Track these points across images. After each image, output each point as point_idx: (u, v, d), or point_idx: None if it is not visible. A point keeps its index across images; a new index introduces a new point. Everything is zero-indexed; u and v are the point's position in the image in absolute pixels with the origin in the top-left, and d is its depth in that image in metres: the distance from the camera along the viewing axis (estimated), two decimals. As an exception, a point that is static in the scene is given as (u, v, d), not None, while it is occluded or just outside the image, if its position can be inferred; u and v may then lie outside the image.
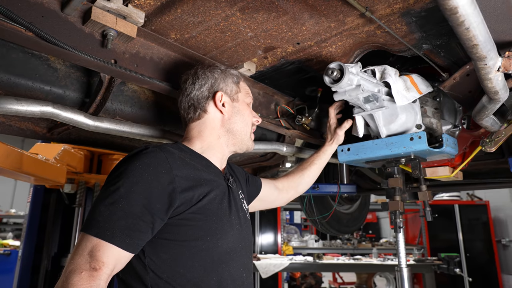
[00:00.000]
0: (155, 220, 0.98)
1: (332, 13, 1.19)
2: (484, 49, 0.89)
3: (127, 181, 0.98)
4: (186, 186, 1.04)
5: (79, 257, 0.91)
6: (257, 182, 1.58)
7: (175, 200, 1.00)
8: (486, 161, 2.16)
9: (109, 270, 0.92)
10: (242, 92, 1.33)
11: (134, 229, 0.95)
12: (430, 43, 1.31)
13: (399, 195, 1.62)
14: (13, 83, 1.18)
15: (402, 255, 1.64)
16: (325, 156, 1.74)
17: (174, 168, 1.04)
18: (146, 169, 1.00)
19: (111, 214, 0.94)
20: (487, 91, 1.14)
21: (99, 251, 0.91)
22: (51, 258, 3.61)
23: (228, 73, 1.31)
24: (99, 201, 0.98)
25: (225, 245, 1.09)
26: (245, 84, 1.37)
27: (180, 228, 1.03)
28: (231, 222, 1.14)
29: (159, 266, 1.01)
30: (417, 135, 1.50)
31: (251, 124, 1.34)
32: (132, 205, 0.96)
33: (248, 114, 1.33)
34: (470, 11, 0.75)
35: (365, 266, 5.61)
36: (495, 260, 6.45)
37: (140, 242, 0.97)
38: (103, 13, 1.09)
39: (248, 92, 1.36)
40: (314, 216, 3.30)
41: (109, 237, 0.92)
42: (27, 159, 2.30)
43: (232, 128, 1.28)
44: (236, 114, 1.29)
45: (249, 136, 1.33)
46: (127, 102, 1.47)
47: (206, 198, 1.08)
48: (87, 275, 0.88)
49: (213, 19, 1.22)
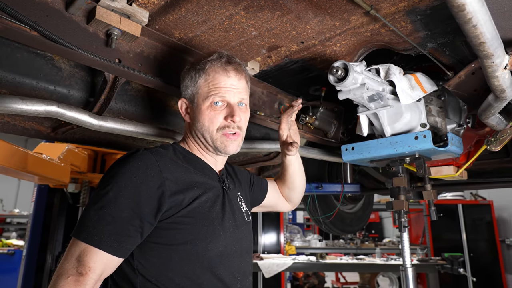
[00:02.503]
0: (144, 225, 0.97)
1: (337, 12, 1.18)
2: (491, 47, 0.89)
3: (116, 185, 0.97)
4: (176, 190, 1.03)
5: (68, 262, 0.92)
6: (263, 185, 1.54)
7: (164, 203, 0.99)
8: (490, 160, 2.15)
9: (96, 275, 0.92)
10: (201, 92, 1.16)
11: (123, 234, 0.95)
12: (435, 41, 1.31)
13: (404, 195, 1.61)
14: (18, 83, 1.18)
15: (407, 254, 1.63)
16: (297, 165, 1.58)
17: (164, 171, 1.03)
18: (135, 172, 0.99)
19: (100, 219, 0.94)
20: (494, 89, 1.13)
21: (86, 256, 0.91)
22: (55, 257, 3.62)
23: (190, 71, 1.18)
24: (89, 205, 0.98)
25: (215, 249, 1.06)
26: (214, 76, 1.15)
27: (169, 231, 1.02)
28: (224, 226, 1.11)
29: (148, 270, 1.01)
30: (422, 134, 1.49)
31: (215, 123, 1.14)
32: (121, 209, 0.95)
33: (203, 118, 1.14)
34: (478, 8, 0.75)
35: (368, 266, 5.59)
36: (499, 260, 6.41)
37: (128, 246, 0.97)
38: (107, 12, 1.09)
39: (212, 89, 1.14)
40: (317, 215, 3.29)
41: (97, 242, 0.92)
42: (31, 159, 2.31)
43: (195, 132, 1.18)
44: (195, 118, 1.17)
45: (218, 140, 1.15)
46: (131, 102, 1.47)
47: (196, 201, 1.06)
48: (73, 280, 0.89)
49: (217, 18, 1.22)
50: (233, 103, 1.16)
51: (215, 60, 1.16)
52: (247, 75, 1.23)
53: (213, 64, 1.15)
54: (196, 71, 1.17)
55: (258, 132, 2.02)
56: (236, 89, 1.16)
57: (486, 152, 1.75)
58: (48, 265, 3.58)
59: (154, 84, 1.33)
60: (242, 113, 1.18)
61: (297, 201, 1.65)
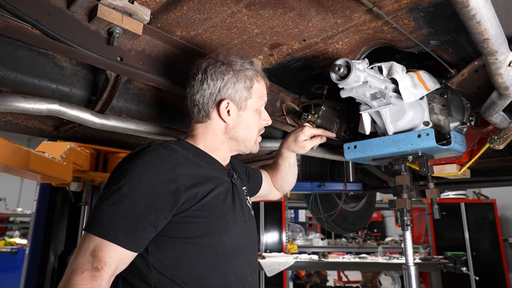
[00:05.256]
0: (158, 219, 0.98)
1: (339, 9, 1.17)
2: (495, 43, 0.88)
3: (130, 180, 0.97)
4: (190, 184, 1.03)
5: (82, 257, 0.91)
6: (257, 176, 1.58)
7: (180, 198, 1.00)
8: (494, 159, 2.14)
9: (111, 270, 0.92)
10: (254, 97, 1.22)
11: (137, 228, 0.95)
12: (438, 39, 1.30)
13: (407, 193, 1.60)
14: (20, 81, 1.18)
15: (409, 253, 1.62)
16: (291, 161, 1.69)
17: (177, 166, 1.03)
18: (149, 167, 1.00)
19: (114, 214, 0.94)
20: (497, 87, 1.12)
21: (101, 251, 0.91)
22: (58, 256, 3.64)
23: (241, 75, 1.18)
24: (102, 200, 0.97)
25: (229, 242, 1.08)
26: (260, 84, 1.25)
27: (184, 225, 1.02)
28: (235, 219, 1.13)
29: (163, 264, 1.01)
30: (424, 132, 1.48)
31: (257, 130, 1.26)
32: (135, 204, 0.95)
33: (255, 122, 1.24)
34: (482, 4, 0.74)
35: (371, 264, 5.59)
36: (502, 258, 6.39)
37: (143, 241, 0.97)
38: (109, 10, 1.09)
39: (261, 95, 1.25)
40: (320, 214, 3.28)
41: (112, 237, 0.92)
42: (34, 157, 2.31)
43: (235, 136, 1.22)
44: (241, 123, 1.21)
45: (254, 142, 1.26)
46: (133, 100, 1.47)
47: (210, 195, 1.07)
48: (89, 275, 0.88)
49: (219, 16, 1.21)
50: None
51: (257, 68, 1.25)
52: None
53: (257, 71, 1.24)
54: (245, 77, 1.19)
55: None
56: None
57: (489, 150, 1.74)
58: (51, 264, 3.60)
59: (156, 83, 1.33)
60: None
61: (288, 190, 1.75)
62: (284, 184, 1.70)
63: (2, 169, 2.19)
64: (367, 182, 3.12)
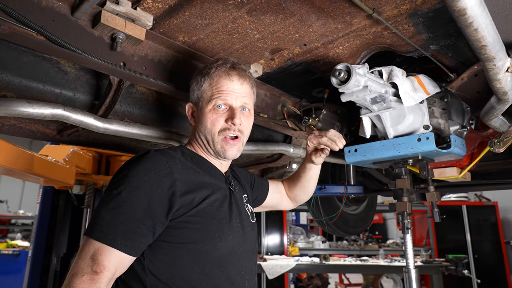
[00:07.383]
0: (156, 224, 0.99)
1: (339, 15, 1.19)
2: (493, 50, 0.89)
3: (129, 185, 1.00)
4: (186, 190, 1.05)
5: (82, 261, 0.93)
6: (264, 185, 1.57)
7: (175, 203, 1.01)
8: (494, 162, 2.15)
9: (110, 273, 0.94)
10: (205, 96, 1.19)
11: (136, 233, 0.97)
12: (437, 43, 1.31)
13: (407, 196, 1.61)
14: (25, 86, 1.20)
15: (410, 256, 1.63)
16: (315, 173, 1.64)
17: (174, 172, 1.05)
18: (147, 173, 1.02)
19: (113, 219, 0.96)
20: (496, 92, 1.13)
21: (100, 255, 0.93)
22: (60, 258, 3.65)
23: (197, 77, 1.23)
24: (102, 205, 1.00)
25: (224, 248, 1.09)
26: (216, 81, 1.18)
27: (179, 230, 1.04)
28: (231, 226, 1.13)
29: (158, 268, 1.02)
30: (424, 136, 1.49)
31: (217, 130, 1.17)
32: (134, 209, 0.97)
33: (212, 121, 1.17)
34: (479, 12, 0.75)
35: (372, 267, 5.58)
36: (503, 261, 6.37)
37: (141, 245, 0.99)
38: (112, 16, 1.10)
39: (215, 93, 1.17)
40: (321, 217, 3.29)
41: (111, 241, 0.94)
42: (37, 161, 2.33)
43: (199, 136, 1.21)
44: (198, 122, 1.22)
45: (218, 143, 1.17)
46: (135, 104, 1.48)
47: (206, 201, 1.08)
48: (88, 278, 0.91)
49: (221, 22, 1.23)
50: (235, 107, 1.18)
51: (220, 66, 1.20)
52: (251, 81, 1.26)
53: (217, 69, 1.19)
54: (201, 75, 1.22)
55: (261, 134, 2.03)
56: (238, 93, 1.19)
57: (489, 154, 1.75)
58: (53, 266, 3.61)
59: (159, 87, 1.35)
60: (245, 118, 1.21)
61: (302, 201, 1.72)
62: (300, 195, 1.66)
63: (7, 172, 2.21)
64: (368, 184, 3.13)
